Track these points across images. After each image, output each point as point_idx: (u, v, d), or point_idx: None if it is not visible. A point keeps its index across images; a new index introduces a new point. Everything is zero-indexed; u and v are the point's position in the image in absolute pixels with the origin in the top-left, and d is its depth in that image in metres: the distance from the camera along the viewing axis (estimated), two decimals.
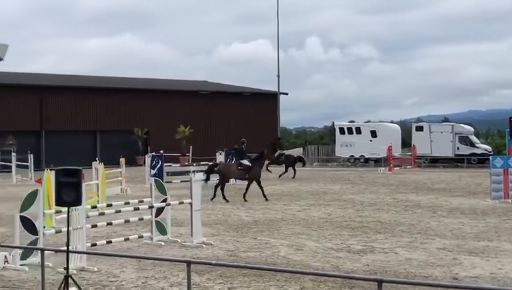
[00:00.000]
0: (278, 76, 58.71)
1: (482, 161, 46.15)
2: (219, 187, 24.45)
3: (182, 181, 28.63)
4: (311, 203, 22.91)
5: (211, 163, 30.47)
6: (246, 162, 24.88)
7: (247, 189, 24.19)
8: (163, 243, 14.53)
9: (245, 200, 23.50)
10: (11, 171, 37.34)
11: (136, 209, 14.92)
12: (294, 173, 35.93)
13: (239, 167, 24.78)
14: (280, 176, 35.27)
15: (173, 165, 35.83)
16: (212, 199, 23.63)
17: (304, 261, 12.68)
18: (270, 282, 10.78)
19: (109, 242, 13.93)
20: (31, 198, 12.69)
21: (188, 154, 47.50)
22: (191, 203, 14.79)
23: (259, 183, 24.36)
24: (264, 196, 23.80)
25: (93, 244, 13.23)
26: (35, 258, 12.23)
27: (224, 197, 23.79)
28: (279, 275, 10.95)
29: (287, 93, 64.63)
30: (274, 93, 60.47)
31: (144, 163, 37.46)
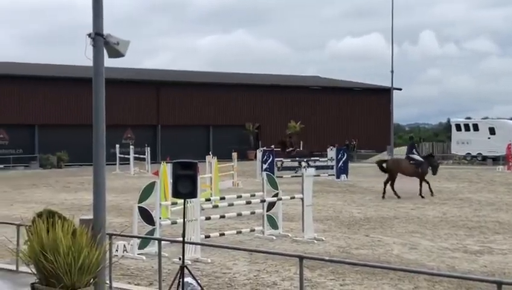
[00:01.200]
0: (392, 71, 57.41)
1: None
2: (388, 183, 23.94)
3: (292, 176, 28.74)
4: (426, 202, 22.41)
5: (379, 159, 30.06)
6: (417, 157, 24.45)
7: (420, 185, 23.84)
8: (274, 237, 14.65)
9: (422, 197, 23.33)
10: (129, 164, 38.73)
11: (248, 203, 15.08)
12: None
13: (411, 162, 24.34)
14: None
15: (284, 160, 35.98)
16: (383, 196, 23.34)
17: (418, 260, 12.42)
18: (383, 280, 10.64)
19: (222, 235, 14.18)
20: (148, 190, 13.13)
21: (298, 149, 47.59)
22: (302, 199, 14.81)
23: (425, 180, 24.03)
24: (421, 194, 23.59)
25: (207, 236, 13.49)
26: (152, 248, 12.64)
27: (395, 193, 23.51)
28: (392, 273, 10.79)
29: (400, 89, 63.44)
30: (387, 88, 59.38)
31: (255, 157, 37.85)
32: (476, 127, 50.76)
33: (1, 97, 47.29)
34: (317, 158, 36.05)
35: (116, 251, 12.19)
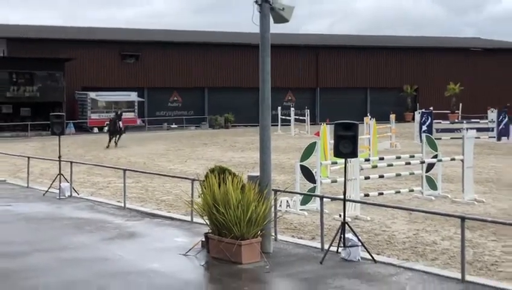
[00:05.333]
0: None
1: None
2: None
3: (451, 138, 27.70)
4: None
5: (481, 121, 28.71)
6: None
7: None
8: (433, 198, 14.28)
9: None
10: (289, 125, 39.23)
11: (407, 163, 14.80)
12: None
13: None
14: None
15: (442, 122, 34.76)
16: None
17: None
18: None
19: (381, 194, 14.02)
20: (309, 149, 13.22)
21: (457, 111, 45.89)
22: (462, 160, 14.29)
23: None
24: None
25: (366, 195, 13.40)
26: (313, 205, 12.76)
27: None
28: None
29: None
30: None
31: (413, 119, 36.92)
32: None
33: (174, 62, 49.43)
34: (478, 120, 34.46)
35: (280, 206, 12.42)
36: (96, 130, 42.70)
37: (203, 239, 9.45)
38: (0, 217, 12.57)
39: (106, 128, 35.49)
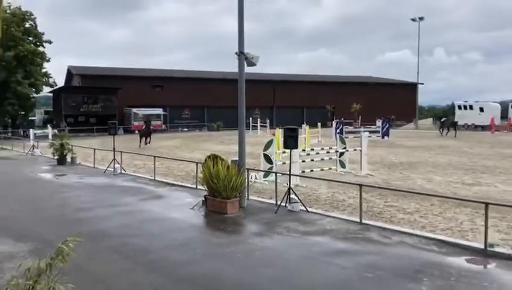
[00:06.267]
0: (418, 72, 54.67)
1: None
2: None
3: (354, 137, 27.88)
4: (438, 153, 21.19)
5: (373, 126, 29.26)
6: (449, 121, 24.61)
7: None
8: (343, 173, 14.39)
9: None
10: (257, 129, 39.19)
11: (328, 152, 14.89)
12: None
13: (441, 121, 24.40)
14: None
15: (349, 127, 35.12)
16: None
17: (433, 189, 11.83)
18: (411, 200, 10.23)
19: (312, 171, 14.07)
20: (269, 143, 13.22)
21: (358, 121, 46.37)
22: (361, 150, 14.45)
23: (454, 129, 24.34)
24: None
25: (303, 171, 13.41)
26: (271, 178, 12.72)
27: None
28: (416, 196, 10.34)
29: (422, 83, 60.08)
30: (414, 83, 56.38)
31: (331, 126, 37.16)
32: (471, 107, 47.16)
33: (186, 90, 49.18)
34: (370, 126, 34.89)
35: (251, 178, 12.42)
36: (136, 132, 42.18)
37: (203, 199, 9.44)
38: (76, 185, 12.38)
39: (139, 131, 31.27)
